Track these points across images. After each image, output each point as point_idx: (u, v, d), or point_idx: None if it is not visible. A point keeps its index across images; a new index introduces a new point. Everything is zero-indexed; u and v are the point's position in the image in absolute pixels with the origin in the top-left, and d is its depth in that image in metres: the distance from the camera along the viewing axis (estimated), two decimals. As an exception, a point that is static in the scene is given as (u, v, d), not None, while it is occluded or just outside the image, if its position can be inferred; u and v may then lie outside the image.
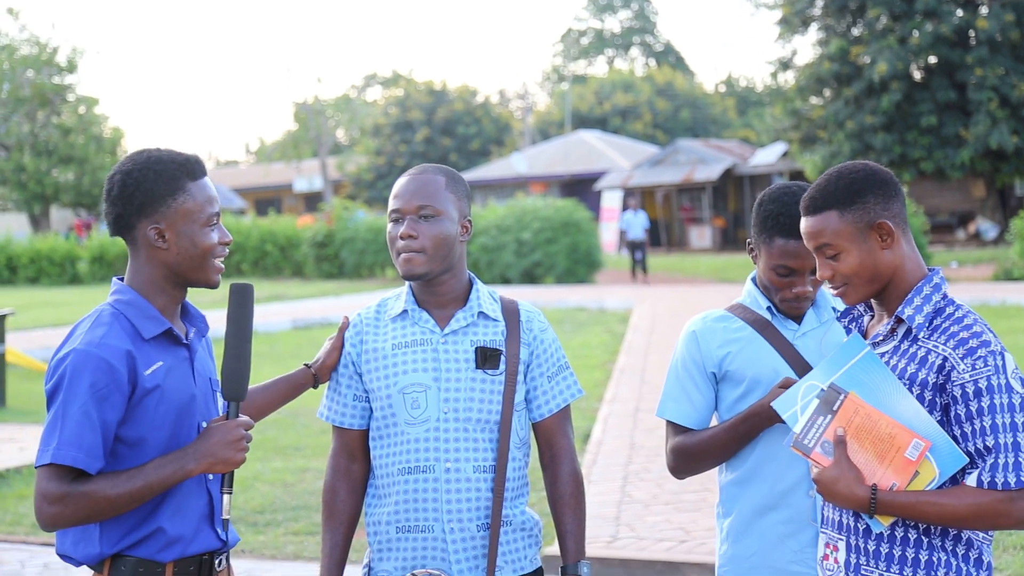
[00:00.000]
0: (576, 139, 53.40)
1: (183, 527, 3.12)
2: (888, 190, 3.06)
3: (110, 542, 3.06)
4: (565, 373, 3.61)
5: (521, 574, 3.51)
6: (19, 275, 39.20)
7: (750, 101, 74.72)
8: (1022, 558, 6.78)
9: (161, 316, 3.16)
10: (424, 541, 3.43)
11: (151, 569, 3.08)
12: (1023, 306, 19.99)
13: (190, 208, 3.13)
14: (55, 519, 2.96)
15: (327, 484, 3.60)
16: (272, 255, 38.42)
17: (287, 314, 23.35)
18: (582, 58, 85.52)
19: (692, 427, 3.60)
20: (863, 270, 3.04)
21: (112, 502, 2.97)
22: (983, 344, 2.92)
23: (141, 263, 3.16)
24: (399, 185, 3.52)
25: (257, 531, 8.14)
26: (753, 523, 3.56)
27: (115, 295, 3.17)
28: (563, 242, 31.37)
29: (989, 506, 2.86)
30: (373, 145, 62.45)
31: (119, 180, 3.13)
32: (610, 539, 7.47)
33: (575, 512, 3.54)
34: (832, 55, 35.41)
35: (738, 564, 3.58)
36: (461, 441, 3.43)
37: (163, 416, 3.09)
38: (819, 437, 3.01)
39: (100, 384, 2.99)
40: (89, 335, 3.05)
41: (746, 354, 3.56)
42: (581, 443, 10.52)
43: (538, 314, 3.62)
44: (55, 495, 2.94)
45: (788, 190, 3.53)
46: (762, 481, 3.54)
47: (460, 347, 3.48)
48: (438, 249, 3.43)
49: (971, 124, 33.77)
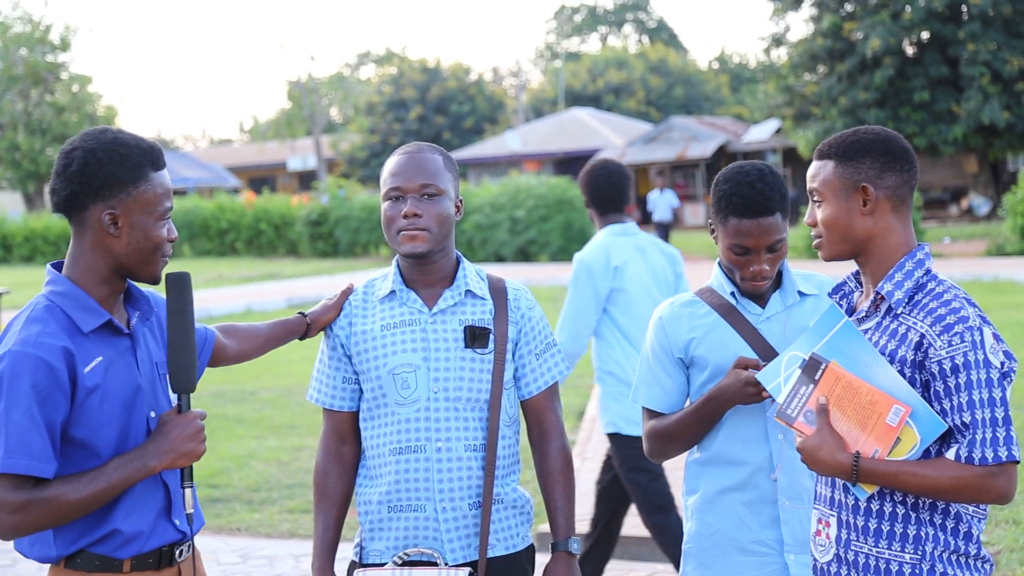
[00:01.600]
0: (569, 117, 53.20)
1: (140, 524, 3.06)
2: (891, 161, 3.07)
3: (65, 543, 3.00)
4: (553, 351, 3.62)
5: (513, 551, 3.52)
6: (14, 254, 39.28)
7: (743, 78, 74.48)
8: (1014, 532, 6.82)
9: (100, 307, 3.03)
10: (416, 520, 3.44)
11: (108, 563, 3.02)
12: (1016, 281, 20.08)
13: (149, 199, 3.01)
14: (17, 528, 2.88)
15: (318, 466, 3.60)
16: (266, 234, 38.41)
17: (282, 292, 23.52)
18: (575, 35, 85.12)
19: (664, 411, 3.63)
20: (836, 226, 3.07)
21: (74, 506, 2.90)
22: (960, 320, 2.92)
23: (84, 248, 3.03)
24: (397, 163, 3.49)
25: (252, 509, 8.18)
26: (715, 502, 3.59)
27: (50, 286, 3.04)
28: (557, 220, 31.40)
29: (969, 480, 2.87)
30: (367, 123, 62.22)
31: (80, 156, 2.98)
32: None
33: (564, 489, 3.56)
34: (825, 31, 35.45)
35: (700, 541, 3.62)
36: (451, 420, 3.44)
37: (109, 414, 3.00)
38: (802, 407, 3.03)
39: (41, 385, 2.87)
40: (24, 333, 2.93)
41: (710, 339, 3.58)
42: (575, 420, 10.51)
43: (525, 292, 3.63)
44: (15, 504, 2.85)
45: (741, 170, 3.55)
46: (726, 462, 3.57)
47: (449, 326, 3.47)
48: (441, 227, 3.43)
49: (963, 99, 33.88)
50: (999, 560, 6.42)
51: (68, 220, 3.04)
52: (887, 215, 3.06)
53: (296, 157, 63.55)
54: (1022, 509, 7.12)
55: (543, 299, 20.27)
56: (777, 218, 3.49)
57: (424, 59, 64.20)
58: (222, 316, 19.82)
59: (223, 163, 66.63)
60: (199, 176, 57.49)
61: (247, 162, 68.04)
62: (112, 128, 3.06)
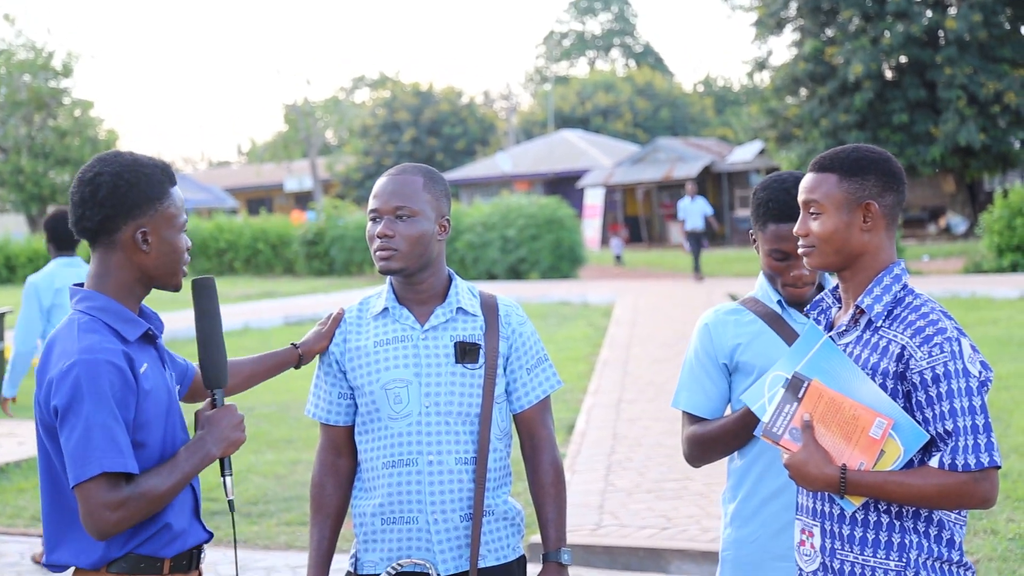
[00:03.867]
0: (559, 138, 53.36)
1: (182, 521, 3.12)
2: (891, 181, 3.09)
3: (117, 544, 3.03)
4: (544, 365, 3.63)
5: (504, 562, 3.54)
6: (17, 274, 39.13)
7: (727, 100, 74.68)
8: (992, 541, 6.86)
9: (138, 318, 3.11)
10: (409, 532, 3.47)
11: (151, 564, 3.05)
12: (992, 298, 19.96)
13: (172, 212, 3.10)
14: (118, 524, 2.92)
15: (315, 479, 3.63)
16: (264, 253, 38.39)
17: (279, 311, 23.36)
18: (564, 59, 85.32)
19: (705, 416, 3.61)
20: (834, 239, 3.07)
21: (164, 497, 2.98)
22: (939, 331, 2.94)
23: (112, 267, 3.08)
24: (378, 185, 3.55)
25: (251, 522, 8.22)
26: (759, 510, 3.59)
27: (85, 302, 3.07)
28: (547, 239, 31.41)
29: (953, 487, 2.88)
30: (361, 145, 62.25)
31: (108, 181, 3.04)
32: (594, 527, 7.59)
33: (555, 500, 3.58)
34: (806, 55, 35.49)
35: (740, 548, 3.62)
36: (443, 434, 3.46)
37: (156, 415, 3.07)
38: (787, 424, 3.04)
39: (116, 387, 2.94)
40: (83, 342, 2.97)
41: (756, 346, 3.57)
42: (565, 434, 10.53)
43: (516, 308, 3.64)
44: (116, 502, 2.90)
45: (779, 178, 3.59)
46: (768, 470, 3.57)
47: (440, 342, 3.50)
48: (413, 247, 3.46)
49: (941, 122, 33.82)
50: (979, 569, 6.47)
51: (93, 243, 3.09)
52: (881, 232, 3.09)
53: (293, 178, 63.34)
54: (1000, 519, 7.22)
55: (533, 315, 20.19)
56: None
57: (417, 83, 64.32)
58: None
59: (221, 185, 66.44)
60: (198, 197, 57.09)
61: (245, 183, 67.87)
62: (123, 151, 3.13)
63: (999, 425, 9.69)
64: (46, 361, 3.01)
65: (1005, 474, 8.14)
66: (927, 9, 34.88)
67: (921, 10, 34.70)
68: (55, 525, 3.07)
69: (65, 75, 48.27)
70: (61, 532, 3.06)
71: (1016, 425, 9.82)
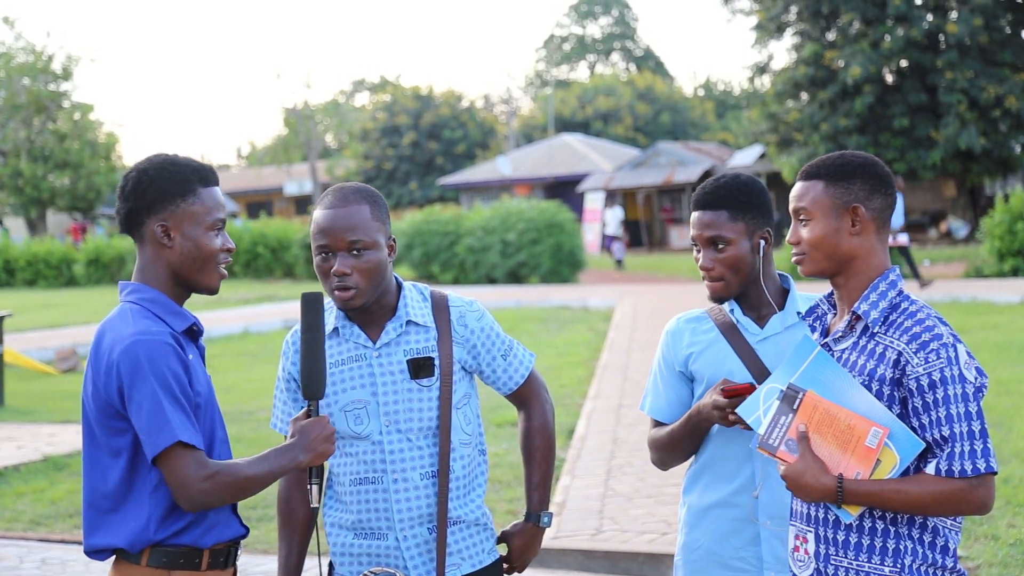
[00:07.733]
0: (559, 142, 53.44)
1: (220, 512, 3.16)
2: (878, 184, 3.10)
3: (156, 527, 3.05)
4: (516, 348, 3.68)
5: (480, 567, 3.57)
6: (17, 278, 39.31)
7: (728, 105, 74.89)
8: (992, 547, 6.82)
9: (185, 311, 3.17)
10: (379, 547, 3.49)
11: (190, 559, 3.09)
12: (993, 302, 19.78)
13: (197, 210, 3.14)
14: (207, 495, 2.95)
15: (281, 493, 3.61)
16: (263, 257, 38.49)
17: (278, 314, 23.33)
18: (564, 63, 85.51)
19: (665, 421, 3.67)
20: (824, 244, 3.09)
21: (251, 480, 3.00)
22: (935, 337, 2.95)
23: (147, 260, 3.16)
24: (324, 218, 3.43)
25: (251, 526, 8.00)
26: (704, 516, 3.62)
27: (135, 294, 3.14)
28: (547, 243, 31.38)
29: (950, 493, 2.89)
30: (361, 149, 62.25)
31: (134, 177, 3.14)
32: (594, 532, 7.56)
33: (541, 465, 3.66)
34: (807, 59, 35.45)
35: (688, 553, 3.66)
36: (405, 451, 3.47)
37: (203, 405, 3.12)
38: (783, 436, 3.05)
39: (174, 367, 3.00)
40: (139, 325, 3.03)
41: (707, 355, 3.60)
42: (565, 438, 10.52)
43: (469, 306, 3.61)
44: (206, 473, 2.94)
45: (719, 175, 3.64)
46: (714, 478, 3.61)
47: (394, 358, 3.48)
48: (371, 280, 3.42)
49: (941, 126, 33.79)
50: (979, 574, 6.46)
51: (132, 238, 3.20)
52: (871, 236, 3.10)
53: (292, 182, 63.49)
54: (1000, 524, 7.16)
55: (533, 320, 20.57)
56: (722, 215, 3.52)
57: (417, 87, 64.43)
58: (220, 337, 19.65)
59: (221, 188, 65.61)
60: (198, 201, 57.25)
61: (245, 187, 68.02)
62: (169, 152, 3.22)
63: (1000, 430, 9.66)
64: (98, 349, 3.05)
65: (1006, 479, 8.11)
66: (928, 13, 34.88)
67: (921, 14, 34.71)
68: (94, 510, 3.11)
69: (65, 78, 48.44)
70: (100, 516, 3.10)
71: (1017, 430, 9.77)
